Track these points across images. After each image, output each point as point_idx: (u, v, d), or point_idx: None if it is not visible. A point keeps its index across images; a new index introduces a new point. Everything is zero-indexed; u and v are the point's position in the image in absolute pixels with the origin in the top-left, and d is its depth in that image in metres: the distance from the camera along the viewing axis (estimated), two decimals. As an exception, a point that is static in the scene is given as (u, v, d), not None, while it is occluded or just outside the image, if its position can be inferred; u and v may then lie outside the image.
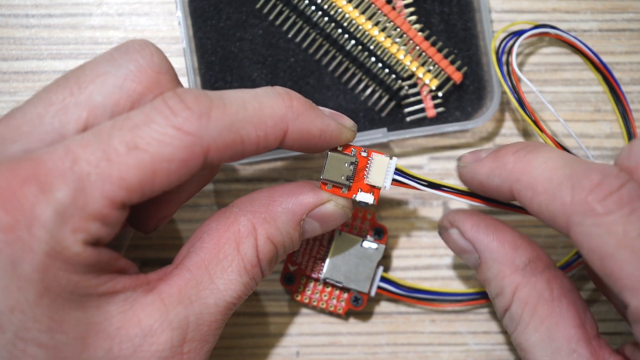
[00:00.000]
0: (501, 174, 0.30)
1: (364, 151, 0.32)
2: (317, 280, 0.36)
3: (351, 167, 0.32)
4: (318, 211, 0.31)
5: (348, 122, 0.32)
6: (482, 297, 0.37)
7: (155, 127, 0.27)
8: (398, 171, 0.32)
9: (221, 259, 0.30)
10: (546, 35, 0.38)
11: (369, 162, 0.32)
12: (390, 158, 0.32)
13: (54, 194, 0.25)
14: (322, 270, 0.36)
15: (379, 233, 0.36)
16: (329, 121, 0.31)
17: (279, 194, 0.31)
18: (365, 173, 0.32)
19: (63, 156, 0.26)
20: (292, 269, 0.36)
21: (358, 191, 0.32)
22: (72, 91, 0.28)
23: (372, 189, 0.32)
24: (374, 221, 0.36)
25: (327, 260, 0.36)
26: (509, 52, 0.36)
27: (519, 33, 0.37)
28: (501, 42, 0.36)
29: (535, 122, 0.35)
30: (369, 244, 0.36)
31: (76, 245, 0.26)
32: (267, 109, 0.29)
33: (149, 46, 0.29)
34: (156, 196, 0.28)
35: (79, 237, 0.26)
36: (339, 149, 0.32)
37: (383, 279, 0.36)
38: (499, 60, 0.36)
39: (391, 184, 0.32)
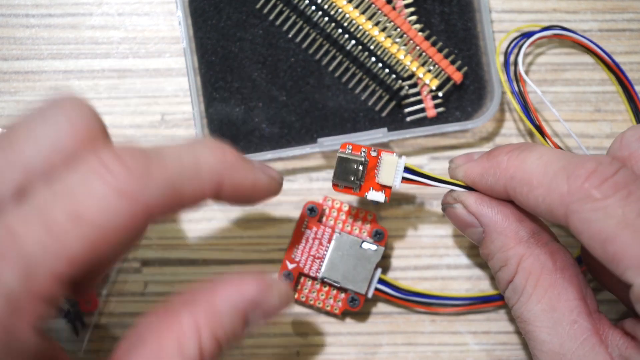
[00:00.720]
0: (495, 173, 0.31)
1: (374, 151, 0.33)
2: (314, 279, 0.36)
3: (360, 167, 0.33)
4: (261, 304, 0.29)
5: (274, 173, 0.31)
6: (480, 302, 0.37)
7: (95, 192, 0.25)
8: (407, 169, 0.33)
9: None
10: (558, 37, 0.37)
11: (378, 161, 0.33)
12: (400, 157, 0.33)
13: (1, 280, 0.23)
14: (320, 269, 0.36)
15: (379, 235, 0.36)
16: (260, 174, 0.30)
17: (221, 287, 0.29)
18: (376, 172, 0.33)
19: (4, 237, 0.24)
20: (291, 267, 0.36)
21: (369, 190, 0.33)
22: (5, 153, 0.26)
23: (383, 187, 0.33)
24: (375, 223, 0.36)
25: (326, 260, 0.36)
26: (515, 57, 0.36)
27: (527, 35, 0.36)
28: (508, 47, 0.36)
29: (541, 131, 0.35)
30: (369, 246, 0.36)
31: (27, 334, 0.24)
32: (203, 164, 0.28)
33: (80, 101, 0.28)
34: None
35: (30, 324, 0.24)
36: (348, 150, 0.33)
37: (381, 281, 0.36)
38: (505, 66, 0.36)
39: (401, 182, 0.33)
